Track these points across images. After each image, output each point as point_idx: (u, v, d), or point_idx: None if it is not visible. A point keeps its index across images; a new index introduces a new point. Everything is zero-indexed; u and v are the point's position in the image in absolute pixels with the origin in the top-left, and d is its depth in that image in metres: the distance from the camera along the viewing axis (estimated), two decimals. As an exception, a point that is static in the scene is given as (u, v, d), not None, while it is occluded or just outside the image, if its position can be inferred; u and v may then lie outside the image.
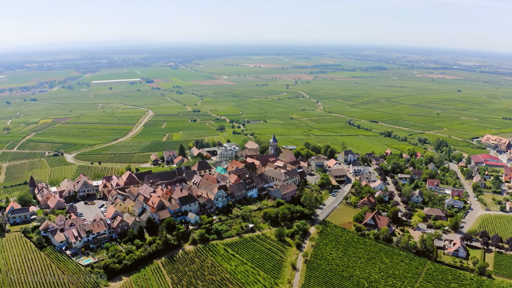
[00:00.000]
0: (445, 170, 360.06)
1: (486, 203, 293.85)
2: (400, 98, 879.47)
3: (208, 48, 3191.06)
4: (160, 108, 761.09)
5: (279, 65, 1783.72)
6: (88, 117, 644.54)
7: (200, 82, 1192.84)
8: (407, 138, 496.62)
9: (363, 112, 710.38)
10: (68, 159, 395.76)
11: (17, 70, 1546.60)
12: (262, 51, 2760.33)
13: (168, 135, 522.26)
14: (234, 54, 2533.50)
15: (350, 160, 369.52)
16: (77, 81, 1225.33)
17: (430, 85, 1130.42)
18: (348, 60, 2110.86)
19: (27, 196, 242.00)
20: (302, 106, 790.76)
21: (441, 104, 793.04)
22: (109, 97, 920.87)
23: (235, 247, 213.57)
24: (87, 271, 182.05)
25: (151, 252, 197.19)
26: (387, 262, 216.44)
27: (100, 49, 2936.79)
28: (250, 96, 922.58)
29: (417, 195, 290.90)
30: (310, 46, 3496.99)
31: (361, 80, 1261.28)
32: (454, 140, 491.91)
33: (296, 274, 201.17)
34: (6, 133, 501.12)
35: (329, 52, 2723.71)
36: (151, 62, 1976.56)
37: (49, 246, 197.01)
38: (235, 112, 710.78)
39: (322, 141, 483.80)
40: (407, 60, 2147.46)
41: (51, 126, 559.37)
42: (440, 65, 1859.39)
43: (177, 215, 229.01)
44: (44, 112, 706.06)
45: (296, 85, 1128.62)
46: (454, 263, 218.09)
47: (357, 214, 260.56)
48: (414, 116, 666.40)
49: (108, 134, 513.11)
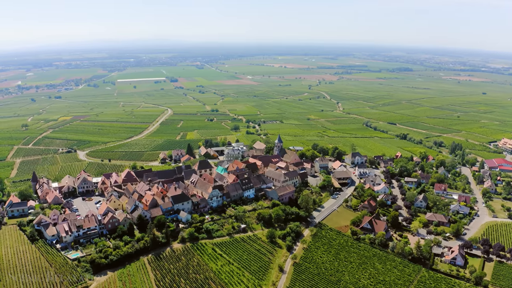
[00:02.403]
0: (456, 175, 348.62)
1: (494, 209, 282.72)
2: (422, 100, 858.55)
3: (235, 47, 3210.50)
4: (180, 107, 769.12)
5: (304, 66, 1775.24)
6: (106, 115, 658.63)
7: (224, 82, 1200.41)
8: (422, 141, 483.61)
9: (382, 114, 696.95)
10: (80, 156, 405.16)
11: (45, 68, 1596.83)
12: (289, 51, 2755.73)
13: (182, 134, 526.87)
14: (260, 54, 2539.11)
15: (358, 162, 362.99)
16: (102, 80, 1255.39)
17: (455, 87, 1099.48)
18: (375, 61, 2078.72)
19: (27, 190, 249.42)
20: (322, 107, 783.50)
21: (463, 107, 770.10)
22: (132, 96, 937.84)
23: (224, 247, 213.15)
24: (73, 264, 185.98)
25: (138, 249, 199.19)
26: (379, 268, 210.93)
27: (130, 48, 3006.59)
28: (271, 96, 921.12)
29: (421, 200, 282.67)
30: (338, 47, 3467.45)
31: (386, 82, 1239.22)
32: (470, 143, 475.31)
33: (283, 277, 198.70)
34: (24, 130, 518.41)
35: (356, 53, 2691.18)
36: (177, 61, 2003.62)
37: (41, 240, 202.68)
38: (253, 112, 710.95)
39: (335, 142, 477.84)
40: (435, 62, 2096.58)
41: (69, 123, 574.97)
42: (468, 67, 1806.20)
43: (169, 213, 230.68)
44: (66, 109, 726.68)
45: (318, 86, 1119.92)
46: (450, 272, 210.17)
47: (355, 218, 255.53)
48: (433, 119, 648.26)
49: (123, 132, 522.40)
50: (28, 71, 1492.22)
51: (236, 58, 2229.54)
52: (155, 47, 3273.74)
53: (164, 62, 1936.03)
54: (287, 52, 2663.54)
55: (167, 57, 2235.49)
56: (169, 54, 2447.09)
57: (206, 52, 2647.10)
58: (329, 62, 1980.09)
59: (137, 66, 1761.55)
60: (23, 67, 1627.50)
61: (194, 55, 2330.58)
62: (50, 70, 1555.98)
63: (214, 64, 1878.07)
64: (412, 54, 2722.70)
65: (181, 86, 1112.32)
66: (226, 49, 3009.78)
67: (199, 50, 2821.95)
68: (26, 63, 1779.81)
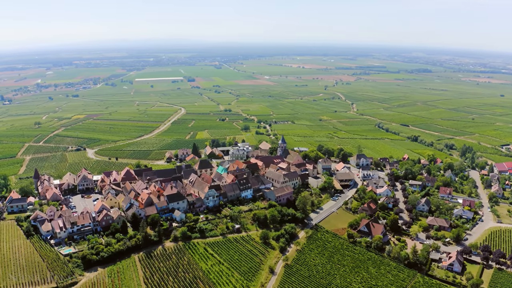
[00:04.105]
0: (464, 178, 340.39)
1: (499, 214, 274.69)
2: (438, 101, 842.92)
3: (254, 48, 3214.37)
4: (194, 106, 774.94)
5: (322, 66, 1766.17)
6: (120, 114, 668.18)
7: (240, 82, 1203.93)
8: (433, 143, 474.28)
9: (396, 115, 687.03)
10: (89, 154, 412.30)
11: (65, 67, 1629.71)
12: (308, 52, 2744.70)
13: (192, 134, 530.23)
14: (279, 54, 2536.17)
15: (362, 164, 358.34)
16: (120, 79, 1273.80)
17: (473, 89, 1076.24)
18: (394, 62, 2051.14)
19: (28, 187, 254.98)
20: (335, 107, 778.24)
21: (479, 109, 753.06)
22: (148, 95, 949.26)
23: (216, 246, 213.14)
24: (65, 260, 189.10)
25: (130, 247, 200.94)
26: (372, 272, 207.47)
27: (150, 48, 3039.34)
28: (286, 97, 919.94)
29: (423, 203, 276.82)
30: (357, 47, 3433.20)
31: (404, 83, 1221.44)
32: (482, 146, 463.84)
33: (272, 278, 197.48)
34: (37, 127, 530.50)
35: (376, 54, 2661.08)
36: (196, 61, 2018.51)
37: (36, 235, 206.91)
38: (265, 112, 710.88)
39: (344, 143, 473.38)
40: (455, 63, 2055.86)
41: (82, 121, 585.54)
42: (488, 69, 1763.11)
43: (164, 212, 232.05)
44: (82, 108, 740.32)
45: (335, 87, 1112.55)
46: (446, 278, 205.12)
47: (353, 220, 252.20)
48: (447, 121, 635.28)
49: (134, 131, 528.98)
50: (48, 69, 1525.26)
51: (254, 58, 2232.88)
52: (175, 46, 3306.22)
53: (183, 62, 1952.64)
54: (306, 53, 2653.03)
55: (186, 56, 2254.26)
56: (188, 53, 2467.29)
57: (226, 52, 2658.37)
58: (347, 62, 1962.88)
59: (156, 65, 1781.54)
60: (43, 65, 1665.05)
61: (213, 55, 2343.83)
62: (69, 69, 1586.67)
63: (232, 64, 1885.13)
64: (433, 55, 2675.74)
65: (197, 85, 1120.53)
66: (245, 49, 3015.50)
67: (219, 50, 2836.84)
68: (46, 61, 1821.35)
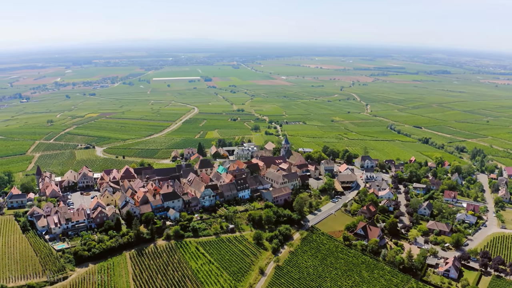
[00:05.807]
0: (471, 182, 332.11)
1: (504, 220, 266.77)
2: (454, 103, 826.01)
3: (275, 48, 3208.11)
4: (207, 106, 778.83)
5: (340, 67, 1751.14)
6: (133, 112, 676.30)
7: (257, 82, 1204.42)
8: (444, 146, 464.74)
9: (410, 117, 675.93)
10: (97, 152, 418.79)
11: (84, 66, 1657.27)
12: (327, 52, 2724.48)
13: (201, 133, 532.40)
14: (298, 54, 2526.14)
15: (367, 166, 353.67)
16: (138, 78, 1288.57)
17: (492, 91, 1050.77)
18: (414, 63, 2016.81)
19: (29, 183, 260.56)
20: (349, 108, 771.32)
21: (495, 111, 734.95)
22: (164, 94, 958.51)
23: (208, 246, 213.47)
24: (57, 255, 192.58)
25: (122, 244, 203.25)
26: (365, 276, 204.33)
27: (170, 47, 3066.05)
28: (300, 97, 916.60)
29: (425, 207, 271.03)
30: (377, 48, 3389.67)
31: (421, 84, 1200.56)
32: (494, 149, 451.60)
33: (262, 279, 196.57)
34: (49, 125, 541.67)
35: (395, 55, 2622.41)
36: (214, 60, 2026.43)
37: (32, 230, 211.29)
38: (278, 113, 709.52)
39: (352, 145, 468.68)
40: (475, 65, 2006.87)
41: (94, 120, 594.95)
42: (509, 71, 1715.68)
43: (159, 210, 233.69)
44: (97, 106, 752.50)
45: (351, 87, 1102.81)
46: (441, 284, 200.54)
47: (351, 223, 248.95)
48: (461, 123, 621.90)
49: (145, 130, 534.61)
50: (68, 68, 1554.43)
51: (273, 58, 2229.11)
52: (194, 46, 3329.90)
53: (202, 62, 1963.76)
54: (324, 53, 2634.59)
55: (205, 56, 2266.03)
56: (207, 53, 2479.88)
57: (245, 52, 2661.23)
58: (366, 63, 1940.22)
59: (174, 65, 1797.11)
60: (63, 64, 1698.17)
61: (232, 55, 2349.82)
62: (89, 67, 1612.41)
63: (250, 64, 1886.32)
64: (453, 56, 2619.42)
65: (214, 85, 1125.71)
66: (265, 49, 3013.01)
67: (238, 50, 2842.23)
68: (66, 60, 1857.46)
